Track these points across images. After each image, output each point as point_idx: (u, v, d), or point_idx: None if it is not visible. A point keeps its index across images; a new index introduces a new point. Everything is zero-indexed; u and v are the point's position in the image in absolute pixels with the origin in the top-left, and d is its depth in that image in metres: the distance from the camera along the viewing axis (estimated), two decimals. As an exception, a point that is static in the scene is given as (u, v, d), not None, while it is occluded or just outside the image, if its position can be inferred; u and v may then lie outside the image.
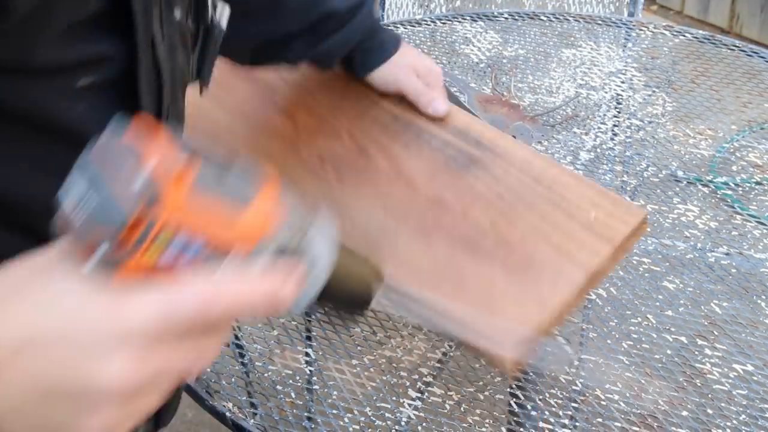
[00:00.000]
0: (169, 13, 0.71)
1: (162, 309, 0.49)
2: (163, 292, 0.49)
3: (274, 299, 0.53)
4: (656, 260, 1.29)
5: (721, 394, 1.09)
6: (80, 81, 0.63)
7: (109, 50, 0.65)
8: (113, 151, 0.48)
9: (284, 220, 0.52)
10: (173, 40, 0.72)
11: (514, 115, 1.60)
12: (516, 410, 1.09)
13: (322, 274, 0.56)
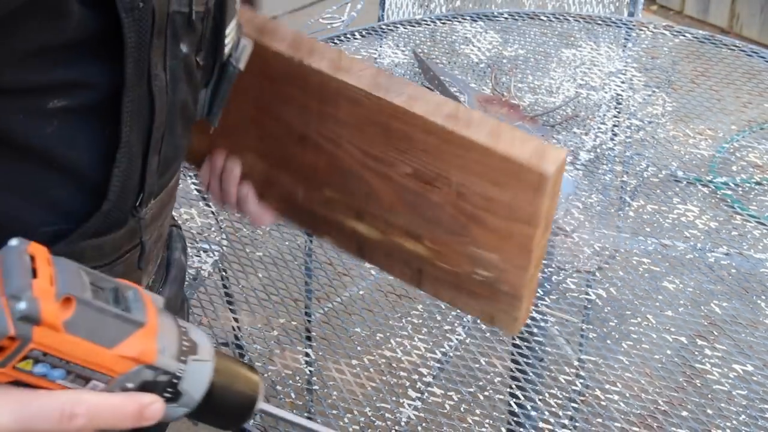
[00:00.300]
0: (175, 46, 0.70)
1: (18, 416, 0.55)
2: (22, 401, 0.55)
3: (139, 411, 0.58)
4: (656, 260, 1.29)
5: (720, 394, 1.09)
6: (51, 103, 0.63)
7: (88, 76, 0.64)
8: (10, 263, 0.54)
9: (149, 357, 0.58)
10: (177, 73, 0.71)
11: (514, 115, 1.60)
12: (516, 410, 1.09)
13: (196, 393, 0.63)
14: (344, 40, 1.88)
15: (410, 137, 0.87)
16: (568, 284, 1.25)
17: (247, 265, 1.32)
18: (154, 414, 0.60)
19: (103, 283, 0.59)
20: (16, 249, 0.56)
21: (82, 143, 0.67)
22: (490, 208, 0.88)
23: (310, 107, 0.92)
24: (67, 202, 0.69)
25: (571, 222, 1.35)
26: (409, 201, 0.92)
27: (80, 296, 0.56)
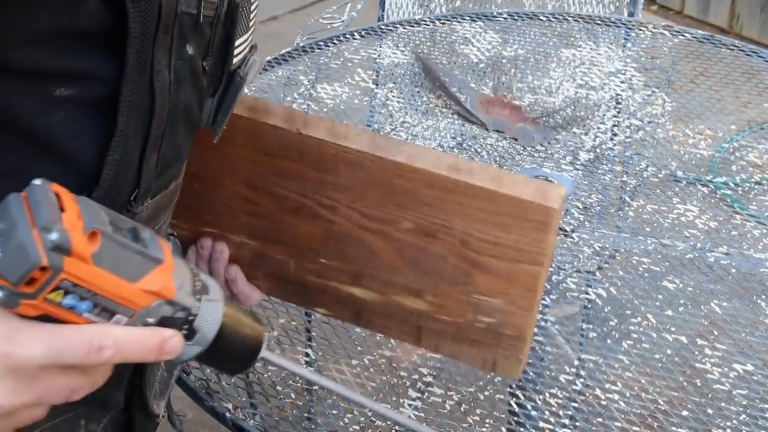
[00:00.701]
0: (181, 47, 0.70)
1: (49, 348, 0.57)
2: (52, 333, 0.57)
3: (161, 345, 0.61)
4: (656, 260, 1.29)
5: (721, 393, 1.09)
6: (58, 90, 0.63)
7: (97, 68, 0.65)
8: (38, 199, 0.57)
9: (168, 292, 0.62)
10: (181, 73, 0.72)
11: (515, 116, 1.60)
12: (516, 410, 1.09)
13: (209, 331, 0.66)
14: (344, 40, 1.88)
15: (413, 192, 0.90)
16: (568, 284, 1.25)
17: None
18: (175, 347, 0.63)
19: (122, 223, 0.61)
20: (41, 187, 0.57)
21: (85, 135, 0.67)
22: (495, 252, 0.90)
23: (307, 176, 0.94)
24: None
25: (571, 222, 1.35)
26: (410, 257, 0.94)
27: (105, 230, 0.58)
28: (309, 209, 0.96)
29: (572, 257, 1.31)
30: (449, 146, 1.54)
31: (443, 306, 0.95)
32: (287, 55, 1.83)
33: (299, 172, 0.94)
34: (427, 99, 1.68)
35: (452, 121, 1.61)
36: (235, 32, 0.77)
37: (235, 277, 1.02)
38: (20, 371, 0.57)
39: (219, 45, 0.77)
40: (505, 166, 1.48)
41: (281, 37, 3.71)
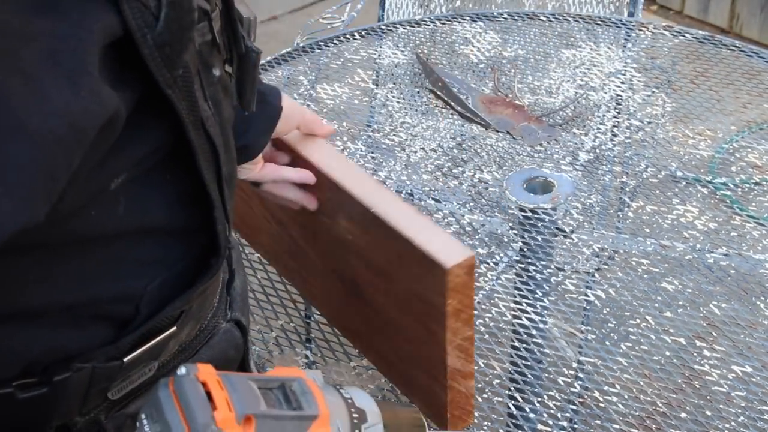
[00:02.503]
0: (209, 74, 0.69)
1: None
2: None
3: None
4: (655, 261, 1.28)
5: (719, 395, 1.09)
6: (113, 183, 0.61)
7: (147, 145, 0.63)
8: (187, 396, 0.58)
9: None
10: (217, 97, 0.70)
11: (519, 116, 1.60)
12: (514, 413, 1.09)
13: (376, 419, 0.67)
14: (344, 40, 1.88)
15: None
16: (567, 285, 1.25)
17: (246, 266, 1.32)
18: None
19: (270, 383, 0.63)
20: (187, 378, 0.59)
21: (151, 205, 0.67)
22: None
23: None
24: (161, 256, 0.70)
25: (570, 223, 1.35)
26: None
27: (257, 411, 0.60)
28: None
29: (571, 258, 1.31)
30: (449, 146, 1.54)
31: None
32: (287, 55, 1.82)
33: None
34: (427, 99, 1.68)
35: (452, 122, 1.61)
36: (238, 26, 0.77)
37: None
38: None
39: (229, 40, 0.76)
40: (505, 166, 1.48)
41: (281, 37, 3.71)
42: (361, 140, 1.58)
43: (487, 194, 1.42)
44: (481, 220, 1.36)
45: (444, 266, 0.87)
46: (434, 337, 0.94)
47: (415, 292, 0.94)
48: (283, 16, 4.01)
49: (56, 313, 0.64)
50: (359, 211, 0.97)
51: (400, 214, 0.94)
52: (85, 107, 0.53)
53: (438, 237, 0.91)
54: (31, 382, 0.64)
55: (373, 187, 0.98)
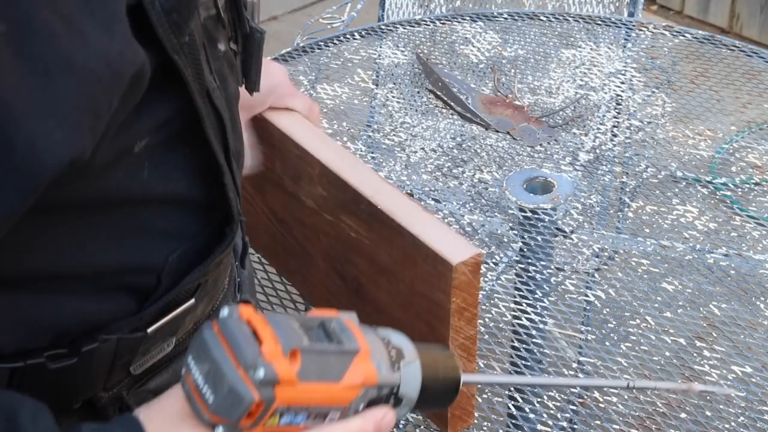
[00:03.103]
0: (214, 49, 0.72)
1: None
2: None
3: (378, 428, 0.64)
4: (655, 261, 1.29)
5: (719, 396, 1.09)
6: (136, 146, 0.64)
7: (163, 111, 0.65)
8: (233, 334, 0.59)
9: (372, 380, 0.64)
10: (222, 71, 0.73)
11: (519, 116, 1.60)
12: (514, 413, 1.09)
13: (413, 394, 0.68)
14: (344, 40, 1.88)
15: None
16: (567, 285, 1.25)
17: (246, 266, 1.32)
18: (389, 424, 0.66)
19: (310, 323, 0.64)
20: (231, 317, 0.60)
21: (172, 173, 0.69)
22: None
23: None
24: (188, 228, 0.73)
25: (570, 223, 1.35)
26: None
27: (302, 345, 0.61)
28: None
29: (571, 258, 1.31)
30: (449, 146, 1.54)
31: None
32: (287, 55, 1.83)
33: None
34: (427, 99, 1.68)
35: (452, 122, 1.61)
36: (242, 5, 0.78)
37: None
38: None
39: (234, 20, 0.77)
40: (505, 166, 1.48)
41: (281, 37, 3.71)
42: (361, 140, 1.59)
43: (487, 194, 1.42)
44: (481, 221, 1.36)
45: (450, 263, 0.87)
46: (436, 335, 0.94)
47: (419, 290, 0.94)
48: (283, 16, 4.01)
49: (84, 282, 0.67)
50: (364, 208, 0.97)
51: (406, 211, 0.94)
52: (121, 51, 0.57)
53: (445, 234, 0.91)
54: (61, 352, 0.67)
55: (378, 183, 0.98)
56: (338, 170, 1.00)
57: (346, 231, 1.02)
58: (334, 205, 1.03)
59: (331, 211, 1.04)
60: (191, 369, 0.60)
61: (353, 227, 1.01)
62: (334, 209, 1.03)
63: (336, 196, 1.02)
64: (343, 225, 1.02)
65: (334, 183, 1.01)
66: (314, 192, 1.06)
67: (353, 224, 1.01)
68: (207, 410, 0.59)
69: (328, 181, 1.02)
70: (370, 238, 0.99)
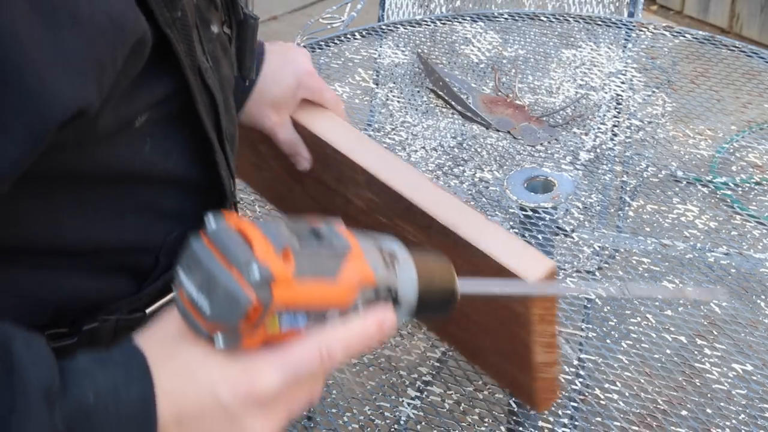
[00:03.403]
0: (207, 30, 0.73)
1: (284, 370, 0.59)
2: (283, 356, 0.59)
3: (381, 329, 0.63)
4: (656, 260, 1.29)
5: (720, 393, 1.09)
6: (137, 121, 0.65)
7: (163, 90, 0.67)
8: (223, 240, 0.58)
9: (368, 279, 0.63)
10: (216, 54, 0.74)
11: (519, 116, 1.60)
12: (515, 409, 1.09)
13: (411, 296, 0.66)
14: (344, 40, 1.88)
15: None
16: (568, 284, 1.25)
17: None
18: (391, 325, 0.64)
19: (300, 227, 0.62)
20: (219, 227, 0.59)
21: (172, 151, 0.71)
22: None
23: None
24: (184, 208, 0.74)
25: (571, 222, 1.35)
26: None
27: (293, 245, 0.59)
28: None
29: (572, 257, 1.31)
30: (449, 146, 1.54)
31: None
32: (287, 55, 1.82)
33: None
34: (428, 99, 1.68)
35: (453, 121, 1.61)
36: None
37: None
38: (266, 402, 0.59)
39: (228, 4, 0.78)
40: (506, 165, 1.48)
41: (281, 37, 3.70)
42: (361, 139, 1.59)
43: (488, 193, 1.42)
44: (482, 219, 1.36)
45: (527, 281, 0.84)
46: (518, 338, 0.91)
47: (497, 299, 0.90)
48: (283, 16, 4.01)
49: (84, 258, 0.67)
50: (421, 218, 0.91)
51: (467, 222, 0.88)
52: (123, 11, 0.59)
53: (514, 246, 0.86)
54: (62, 332, 0.67)
55: (432, 190, 0.92)
56: (386, 179, 0.94)
57: (404, 234, 0.96)
58: (387, 210, 0.97)
59: (384, 214, 0.98)
60: (184, 284, 0.58)
61: (411, 232, 0.95)
62: (387, 213, 0.98)
63: (388, 203, 0.96)
64: (400, 229, 0.97)
65: (383, 191, 0.95)
66: (363, 195, 1.00)
67: (411, 230, 0.95)
68: (204, 321, 0.58)
69: (377, 188, 0.96)
70: (432, 245, 0.93)
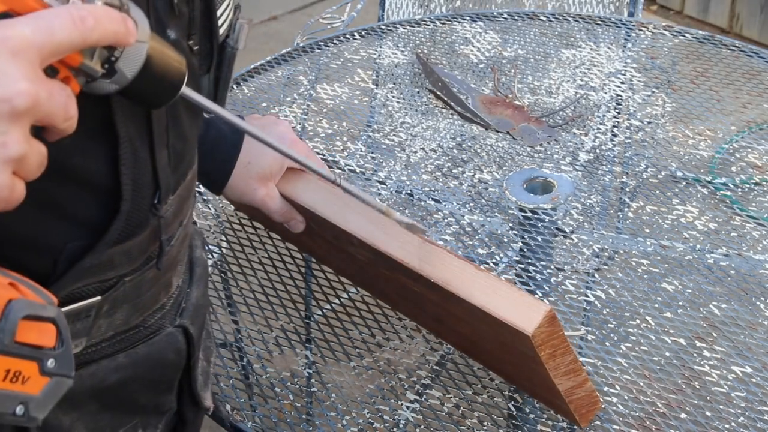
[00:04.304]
0: (161, 33, 0.70)
1: (36, 23, 0.56)
2: (34, 15, 0.56)
3: (124, 24, 0.59)
4: (655, 261, 1.28)
5: (719, 396, 1.09)
6: None
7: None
8: None
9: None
10: None
11: (519, 116, 1.60)
12: (514, 413, 1.09)
13: (127, 76, 0.62)
14: (344, 40, 1.88)
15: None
16: (567, 286, 1.25)
17: (246, 266, 1.32)
18: (132, 27, 0.61)
19: None
20: None
21: (89, 150, 0.67)
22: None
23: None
24: (87, 213, 0.70)
25: (570, 223, 1.35)
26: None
27: None
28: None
29: (571, 258, 1.31)
30: (449, 146, 1.54)
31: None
32: (287, 55, 1.83)
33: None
34: (427, 99, 1.68)
35: (452, 122, 1.61)
36: (215, 4, 0.76)
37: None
38: (21, 54, 0.55)
39: (201, 20, 0.76)
40: (505, 166, 1.48)
41: (281, 37, 3.71)
42: (360, 140, 1.58)
43: (487, 194, 1.42)
44: (481, 221, 1.36)
45: (525, 333, 0.85)
46: (538, 374, 0.93)
47: (504, 341, 0.92)
48: (283, 16, 4.01)
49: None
50: (418, 277, 0.93)
51: (460, 278, 0.90)
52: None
53: (509, 297, 0.87)
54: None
55: (421, 247, 0.93)
56: (376, 243, 0.96)
57: (407, 286, 0.99)
58: (387, 267, 0.99)
59: (386, 268, 1.00)
60: None
61: (415, 286, 0.98)
62: (388, 269, 1.00)
63: (385, 262, 0.98)
64: (403, 281, 0.99)
65: (377, 254, 0.97)
66: (361, 253, 1.03)
67: (413, 285, 0.98)
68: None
69: (371, 250, 0.98)
70: (435, 296, 0.96)
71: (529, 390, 1.06)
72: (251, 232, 1.38)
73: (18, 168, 0.57)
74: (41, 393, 0.62)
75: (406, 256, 0.94)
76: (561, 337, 0.89)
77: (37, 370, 0.61)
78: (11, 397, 0.60)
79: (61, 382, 0.63)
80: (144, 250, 0.75)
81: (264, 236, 1.37)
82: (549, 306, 0.87)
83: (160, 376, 0.85)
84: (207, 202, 1.45)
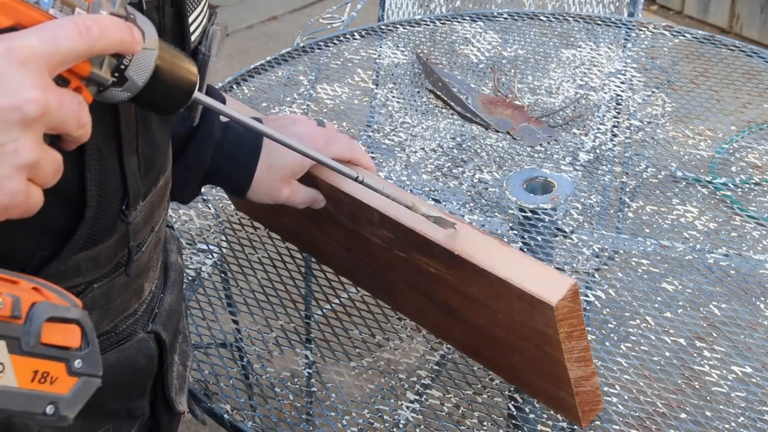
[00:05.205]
0: None
1: (42, 33, 0.56)
2: (40, 26, 0.57)
3: (129, 32, 0.60)
4: (655, 261, 1.28)
5: (719, 396, 1.09)
6: None
7: None
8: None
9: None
10: None
11: (519, 116, 1.60)
12: (514, 413, 1.09)
13: (138, 83, 0.64)
14: (344, 40, 1.88)
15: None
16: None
17: (246, 266, 1.32)
18: (139, 36, 0.62)
19: None
20: None
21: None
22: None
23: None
24: (54, 220, 0.69)
25: (570, 223, 1.35)
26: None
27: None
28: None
29: (571, 258, 1.31)
30: (449, 146, 1.54)
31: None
32: (287, 55, 1.83)
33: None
34: (427, 99, 1.68)
35: (452, 122, 1.61)
36: (186, 10, 0.76)
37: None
38: (30, 64, 0.56)
39: (172, 27, 0.75)
40: (505, 166, 1.48)
41: (281, 37, 3.71)
42: (360, 140, 1.58)
43: (487, 194, 1.42)
44: (481, 221, 1.36)
45: (549, 304, 0.84)
46: (551, 357, 0.92)
47: (521, 320, 0.91)
48: (283, 16, 4.01)
49: None
50: (439, 252, 0.93)
51: (484, 250, 0.89)
52: None
53: (533, 270, 0.87)
54: None
55: (445, 218, 0.93)
56: (398, 216, 0.96)
57: (423, 267, 0.98)
58: (404, 245, 0.98)
59: (402, 249, 1.00)
60: None
61: (431, 265, 0.97)
62: (405, 248, 0.99)
63: (404, 239, 0.97)
64: (418, 261, 0.98)
65: (398, 228, 0.97)
66: (379, 233, 1.02)
67: (430, 263, 0.97)
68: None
69: (391, 226, 0.97)
70: (452, 275, 0.95)
71: (531, 387, 1.05)
72: (251, 232, 1.38)
73: (33, 175, 0.57)
74: (70, 393, 0.63)
75: (429, 229, 0.93)
76: (579, 318, 0.88)
77: (65, 370, 0.62)
78: (41, 397, 0.61)
79: (89, 381, 0.64)
80: (112, 256, 0.75)
81: (264, 236, 1.37)
82: (574, 280, 0.86)
83: (131, 382, 0.84)
84: (207, 202, 1.45)
